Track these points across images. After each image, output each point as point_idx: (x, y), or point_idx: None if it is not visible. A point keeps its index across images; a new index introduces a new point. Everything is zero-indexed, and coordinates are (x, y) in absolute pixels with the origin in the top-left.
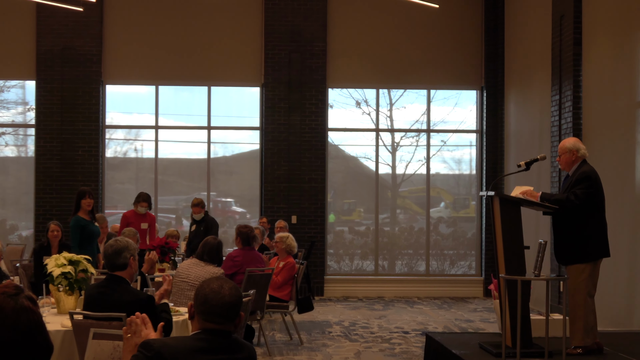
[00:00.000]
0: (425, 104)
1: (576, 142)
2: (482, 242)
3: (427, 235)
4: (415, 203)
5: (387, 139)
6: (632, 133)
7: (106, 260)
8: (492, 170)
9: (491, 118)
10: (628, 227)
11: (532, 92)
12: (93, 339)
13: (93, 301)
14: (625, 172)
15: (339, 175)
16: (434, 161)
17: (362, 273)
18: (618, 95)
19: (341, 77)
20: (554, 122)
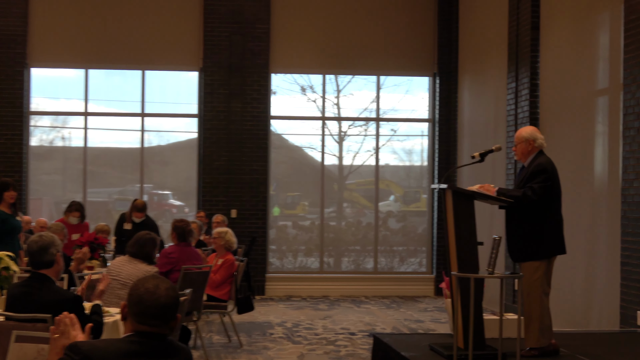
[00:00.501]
0: (375, 91)
1: (534, 132)
2: (434, 238)
3: (375, 230)
4: (363, 196)
5: (333, 128)
6: (591, 123)
7: (30, 257)
8: (445, 162)
9: (444, 106)
10: (585, 223)
11: (488, 79)
12: (15, 342)
13: (16, 301)
14: (584, 164)
15: (283, 167)
16: (383, 152)
17: (306, 271)
18: (577, 83)
19: (285, 62)
20: (509, 111)
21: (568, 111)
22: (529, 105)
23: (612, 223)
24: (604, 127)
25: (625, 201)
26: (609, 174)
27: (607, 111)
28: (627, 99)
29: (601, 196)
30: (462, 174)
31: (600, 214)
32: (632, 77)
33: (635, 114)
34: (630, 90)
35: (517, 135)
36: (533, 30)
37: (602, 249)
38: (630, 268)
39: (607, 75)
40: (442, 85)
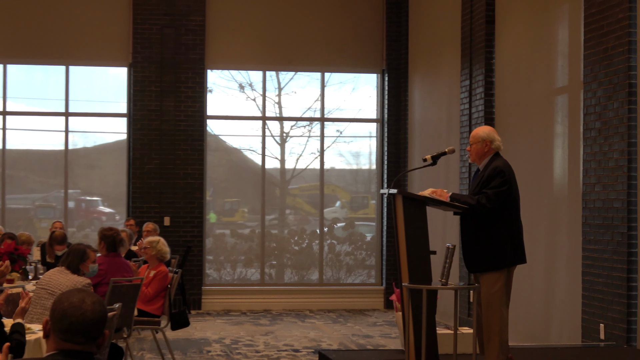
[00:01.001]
0: (319, 89)
1: (491, 132)
2: (383, 247)
3: (320, 239)
4: (307, 202)
5: (275, 129)
6: (550, 124)
7: None
8: (395, 165)
9: (393, 105)
10: (544, 230)
11: (440, 76)
12: None
13: None
14: (542, 167)
15: (220, 170)
16: (328, 154)
17: (246, 283)
18: (535, 81)
19: (222, 57)
20: (463, 111)
21: (525, 111)
22: (483, 105)
23: (573, 230)
24: (563, 127)
25: (586, 207)
26: (569, 177)
27: (567, 111)
28: (587, 97)
29: (561, 201)
30: (413, 178)
31: (560, 221)
32: (592, 74)
33: (596, 113)
34: (591, 88)
35: (474, 135)
36: (488, 24)
37: (562, 257)
38: (592, 278)
39: (567, 73)
40: (391, 82)
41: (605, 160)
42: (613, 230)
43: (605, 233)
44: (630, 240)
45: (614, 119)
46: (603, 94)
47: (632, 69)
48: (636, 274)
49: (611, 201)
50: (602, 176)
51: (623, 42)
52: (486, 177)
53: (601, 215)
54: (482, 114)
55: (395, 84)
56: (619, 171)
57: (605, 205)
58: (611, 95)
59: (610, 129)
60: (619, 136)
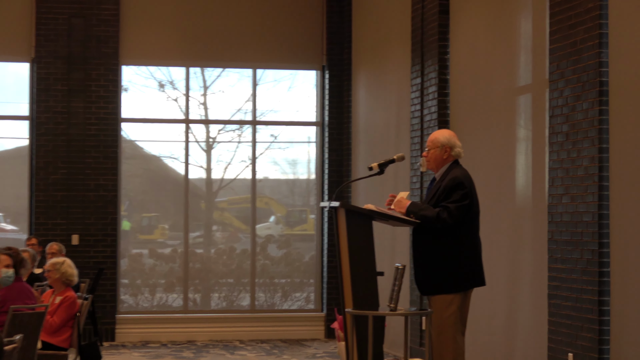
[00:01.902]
0: (250, 88)
1: (452, 137)
2: (324, 268)
3: (252, 259)
4: (237, 217)
5: (200, 133)
6: (511, 127)
7: None
8: (337, 174)
9: (335, 106)
10: (506, 247)
11: (388, 73)
12: None
13: None
14: (503, 176)
15: (137, 181)
16: (261, 162)
17: (166, 310)
18: (495, 79)
19: (139, 51)
20: (414, 113)
21: (484, 112)
22: (437, 106)
23: (538, 247)
24: (526, 131)
25: (553, 220)
26: (533, 188)
27: (531, 112)
28: (553, 97)
29: (524, 215)
30: (358, 189)
31: (523, 237)
32: (559, 71)
33: (563, 115)
34: (557, 87)
35: (432, 139)
36: (441, 15)
37: (526, 278)
38: (559, 301)
39: (530, 70)
40: (332, 81)
41: (573, 168)
42: (582, 248)
43: (574, 250)
44: (601, 258)
45: (583, 121)
46: (571, 94)
47: (603, 65)
48: (608, 296)
49: (580, 214)
50: (570, 186)
51: (593, 35)
52: (444, 188)
53: (569, 231)
54: (436, 116)
55: (337, 82)
56: (588, 180)
57: (573, 219)
58: (580, 94)
59: (579, 133)
60: (589, 141)
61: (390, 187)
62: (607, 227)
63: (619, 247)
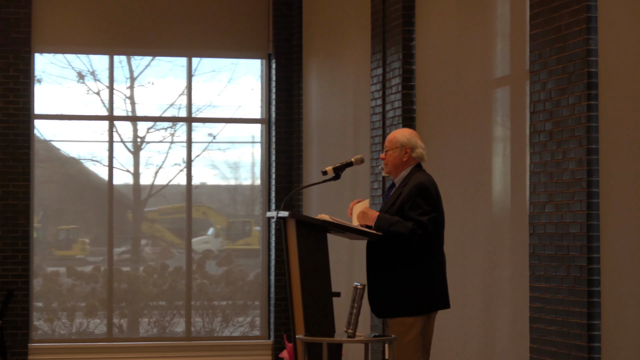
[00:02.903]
0: (185, 80)
1: (413, 136)
2: (271, 288)
3: (187, 278)
4: (169, 229)
5: (126, 132)
6: (487, 124)
7: None
8: (286, 180)
9: (283, 101)
10: (481, 263)
11: (344, 63)
12: None
13: None
14: (477, 182)
15: (52, 188)
16: (198, 165)
17: (88, 338)
18: (467, 69)
19: (55, 37)
20: (375, 108)
21: (456, 108)
22: (401, 100)
23: (517, 263)
24: (504, 129)
25: (535, 232)
26: (512, 195)
27: (509, 108)
28: (535, 91)
29: (502, 226)
30: (311, 197)
31: (500, 251)
32: (541, 60)
33: (546, 112)
34: (539, 78)
35: (390, 139)
36: None
37: (504, 299)
38: (543, 326)
39: (508, 59)
40: (280, 71)
41: (558, 172)
42: (569, 264)
43: (559, 267)
44: (591, 276)
45: (569, 118)
46: (555, 86)
47: (591, 54)
48: (599, 319)
49: (566, 225)
50: (554, 193)
51: (580, 19)
52: (408, 196)
53: (554, 244)
54: (400, 112)
55: (285, 73)
56: (576, 186)
57: (558, 231)
58: (565, 87)
59: (564, 132)
60: (576, 141)
61: (348, 195)
62: (597, 240)
63: (610, 263)
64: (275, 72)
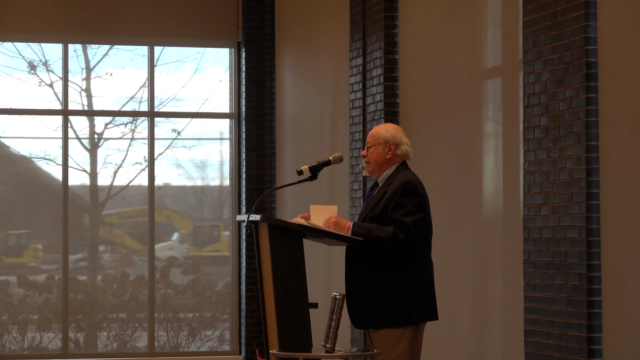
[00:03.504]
0: (147, 70)
1: (397, 132)
2: (242, 299)
3: (150, 288)
4: (130, 234)
5: (82, 128)
6: (476, 120)
7: None
8: (258, 180)
9: (255, 94)
10: (471, 271)
11: (321, 52)
12: None
13: None
14: (467, 183)
15: (1, 189)
16: (161, 165)
17: (41, 354)
18: (455, 59)
19: (3, 23)
20: (354, 102)
21: (443, 102)
22: (383, 93)
23: (511, 271)
24: (495, 125)
25: (529, 237)
26: (504, 196)
27: (500, 101)
28: (529, 82)
29: (494, 231)
30: (285, 199)
31: (492, 258)
32: (535, 49)
33: (541, 105)
34: (534, 69)
35: (373, 135)
36: None
37: (496, 310)
38: (539, 339)
39: (500, 47)
40: (250, 61)
41: (554, 171)
42: (567, 272)
43: (556, 275)
44: (591, 284)
45: (567, 112)
46: (551, 78)
47: (590, 42)
48: (600, 332)
49: (564, 230)
50: (550, 194)
51: (578, 4)
52: (392, 195)
53: (550, 250)
54: (382, 105)
55: (256, 63)
56: (574, 187)
57: (555, 236)
58: (562, 79)
59: (561, 127)
60: (574, 137)
61: (325, 197)
62: (598, 246)
63: (612, 270)
64: (245, 62)
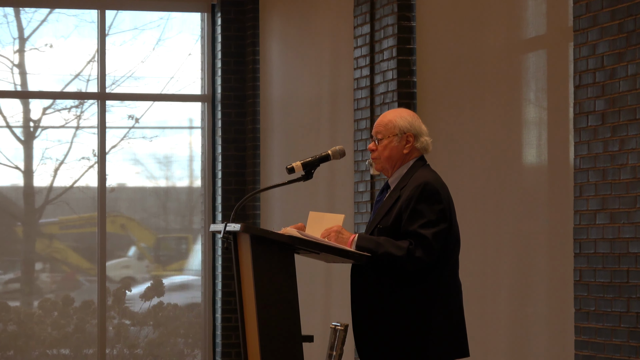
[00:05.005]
0: (96, 41)
1: (416, 120)
2: (217, 330)
3: (101, 317)
4: (74, 249)
5: (13, 114)
6: (515, 104)
7: None
8: (237, 180)
9: (234, 72)
10: (507, 296)
11: (317, 18)
12: None
13: None
14: (503, 184)
15: None
16: (114, 160)
17: None
18: (487, 28)
19: None
20: (360, 81)
21: (471, 81)
22: (396, 70)
23: (557, 294)
24: (538, 110)
25: (581, 253)
26: (549, 202)
27: (545, 80)
28: (581, 56)
29: (536, 244)
30: (272, 204)
31: (534, 279)
32: (589, 14)
33: (596, 85)
34: (587, 39)
35: (385, 123)
36: None
37: (539, 343)
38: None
39: (544, 13)
40: (228, 29)
41: (613, 169)
42: (630, 296)
43: (616, 301)
44: None
45: (629, 94)
46: (609, 50)
47: None
48: None
49: (625, 243)
50: (608, 198)
51: None
52: (407, 202)
53: (608, 269)
54: (394, 86)
55: (235, 31)
56: (638, 189)
57: (614, 251)
58: (623, 51)
59: (622, 114)
60: (638, 126)
61: (323, 201)
62: None
63: None
64: (221, 31)
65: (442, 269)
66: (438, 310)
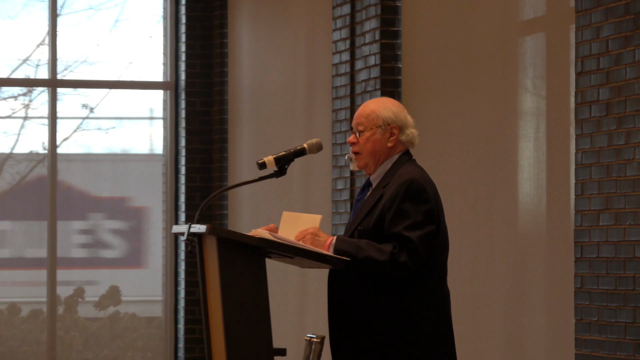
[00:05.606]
0: (47, 22)
1: (401, 111)
2: (179, 343)
3: (50, 327)
4: None
5: None
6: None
7: None
8: (202, 177)
9: (199, 55)
10: (502, 304)
11: None
12: None
13: None
14: (497, 182)
15: None
16: (65, 153)
17: None
18: (481, 9)
19: None
20: (339, 67)
21: (461, 67)
22: (379, 55)
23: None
24: (537, 99)
25: (582, 257)
26: (548, 200)
27: (544, 67)
28: (583, 40)
29: (533, 247)
30: (241, 203)
31: (531, 285)
32: None
33: (600, 72)
34: (590, 21)
35: (367, 114)
36: None
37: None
38: None
39: None
40: (194, 9)
41: (618, 164)
42: (636, 305)
43: (621, 310)
44: None
45: (636, 82)
46: (614, 33)
47: None
48: None
49: (631, 246)
50: (612, 197)
51: None
52: (390, 201)
53: (612, 274)
54: (377, 72)
55: (202, 12)
56: None
57: (619, 255)
58: (630, 35)
59: (628, 103)
60: None
61: (298, 200)
62: None
63: None
64: (185, 11)
65: (428, 275)
66: (424, 321)
